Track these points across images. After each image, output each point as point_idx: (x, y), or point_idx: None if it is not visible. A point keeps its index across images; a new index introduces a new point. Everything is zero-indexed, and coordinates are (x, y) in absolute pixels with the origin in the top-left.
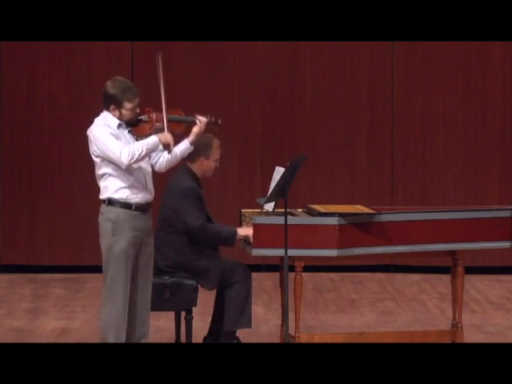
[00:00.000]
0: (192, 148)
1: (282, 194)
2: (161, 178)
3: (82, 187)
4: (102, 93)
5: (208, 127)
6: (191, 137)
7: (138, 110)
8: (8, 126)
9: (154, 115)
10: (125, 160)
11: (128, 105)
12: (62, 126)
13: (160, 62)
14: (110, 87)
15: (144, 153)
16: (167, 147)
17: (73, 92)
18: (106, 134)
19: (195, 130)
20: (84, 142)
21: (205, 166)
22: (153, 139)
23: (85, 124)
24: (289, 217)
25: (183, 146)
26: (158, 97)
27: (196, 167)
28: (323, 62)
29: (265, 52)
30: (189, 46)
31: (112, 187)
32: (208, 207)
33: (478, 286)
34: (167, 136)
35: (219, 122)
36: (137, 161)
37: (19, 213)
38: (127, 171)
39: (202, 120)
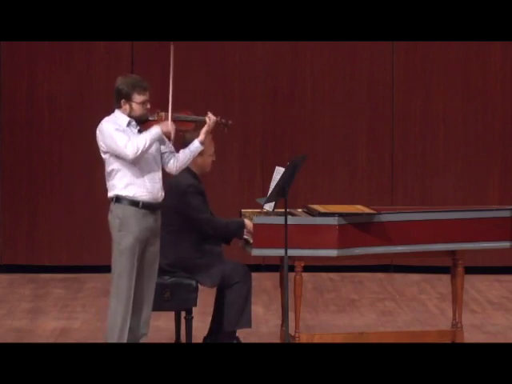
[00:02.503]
0: (202, 147)
1: (282, 194)
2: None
3: (82, 187)
4: (113, 91)
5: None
6: (201, 136)
7: (148, 106)
8: (8, 125)
9: (163, 114)
10: (130, 152)
11: (138, 97)
12: (62, 126)
13: (172, 53)
14: (120, 82)
15: (148, 143)
16: (168, 136)
17: (73, 92)
18: (113, 129)
19: (205, 129)
20: (84, 141)
21: (201, 162)
22: (155, 129)
23: (85, 124)
24: (289, 217)
25: (194, 146)
26: (159, 95)
27: (193, 165)
28: (323, 61)
29: (265, 52)
30: (189, 46)
31: (119, 184)
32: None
33: (478, 286)
34: (168, 125)
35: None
36: (142, 152)
37: (19, 213)
38: (135, 169)
39: (211, 118)
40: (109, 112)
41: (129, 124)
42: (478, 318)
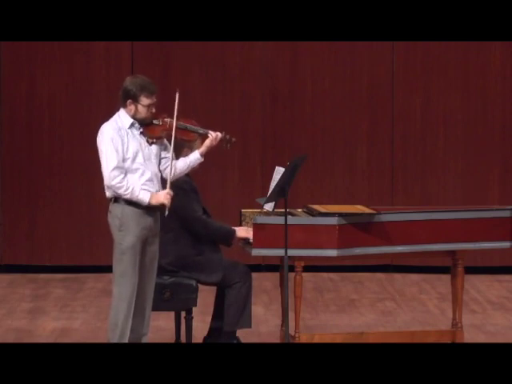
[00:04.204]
0: (202, 159)
1: (282, 194)
2: None
3: (82, 187)
4: (121, 90)
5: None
6: (202, 148)
7: (153, 110)
8: (8, 125)
9: (167, 120)
10: (110, 180)
11: (145, 100)
12: (62, 126)
13: (177, 98)
14: (129, 82)
15: (127, 197)
16: (162, 207)
17: (73, 92)
18: (110, 144)
19: (207, 142)
20: (84, 141)
21: None
22: (144, 197)
23: (85, 124)
24: (289, 217)
25: (193, 157)
26: (158, 95)
27: None
28: (323, 61)
29: (265, 52)
30: (189, 46)
31: None
32: (204, 203)
33: (478, 286)
34: (159, 198)
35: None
36: (116, 193)
37: (19, 213)
38: (135, 170)
39: (214, 134)
40: (109, 112)
41: (132, 126)
42: (478, 318)
